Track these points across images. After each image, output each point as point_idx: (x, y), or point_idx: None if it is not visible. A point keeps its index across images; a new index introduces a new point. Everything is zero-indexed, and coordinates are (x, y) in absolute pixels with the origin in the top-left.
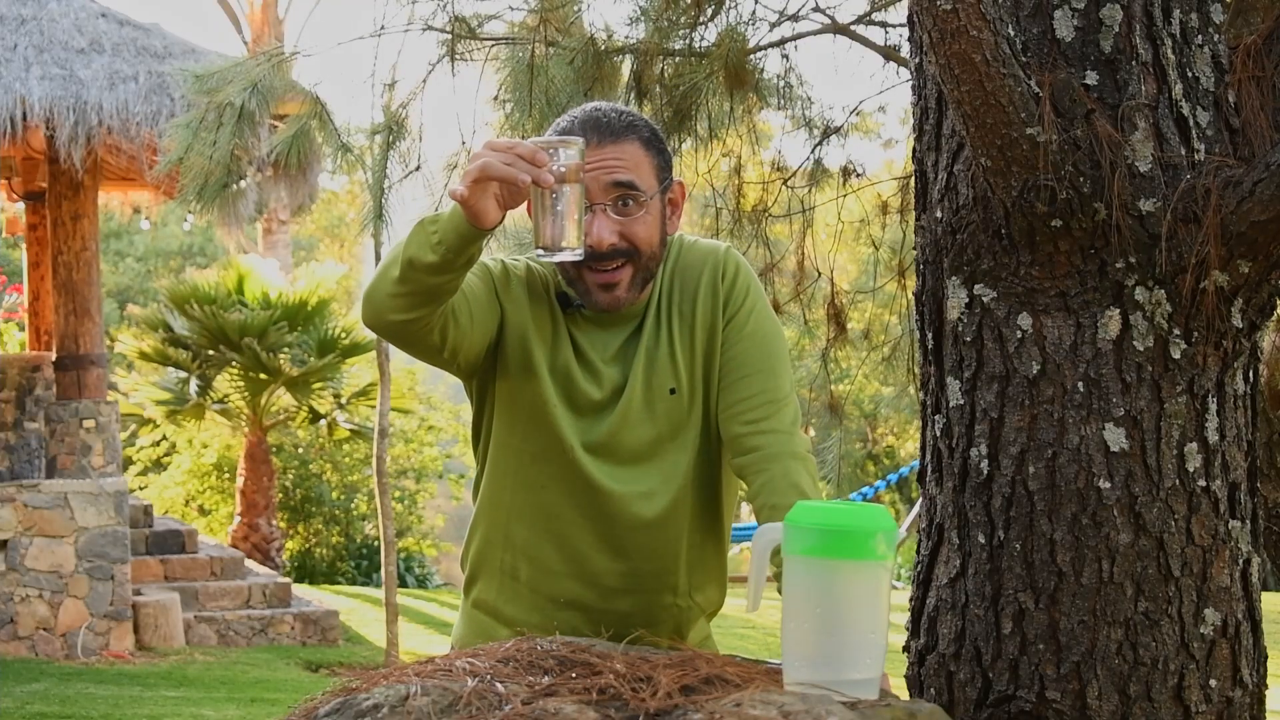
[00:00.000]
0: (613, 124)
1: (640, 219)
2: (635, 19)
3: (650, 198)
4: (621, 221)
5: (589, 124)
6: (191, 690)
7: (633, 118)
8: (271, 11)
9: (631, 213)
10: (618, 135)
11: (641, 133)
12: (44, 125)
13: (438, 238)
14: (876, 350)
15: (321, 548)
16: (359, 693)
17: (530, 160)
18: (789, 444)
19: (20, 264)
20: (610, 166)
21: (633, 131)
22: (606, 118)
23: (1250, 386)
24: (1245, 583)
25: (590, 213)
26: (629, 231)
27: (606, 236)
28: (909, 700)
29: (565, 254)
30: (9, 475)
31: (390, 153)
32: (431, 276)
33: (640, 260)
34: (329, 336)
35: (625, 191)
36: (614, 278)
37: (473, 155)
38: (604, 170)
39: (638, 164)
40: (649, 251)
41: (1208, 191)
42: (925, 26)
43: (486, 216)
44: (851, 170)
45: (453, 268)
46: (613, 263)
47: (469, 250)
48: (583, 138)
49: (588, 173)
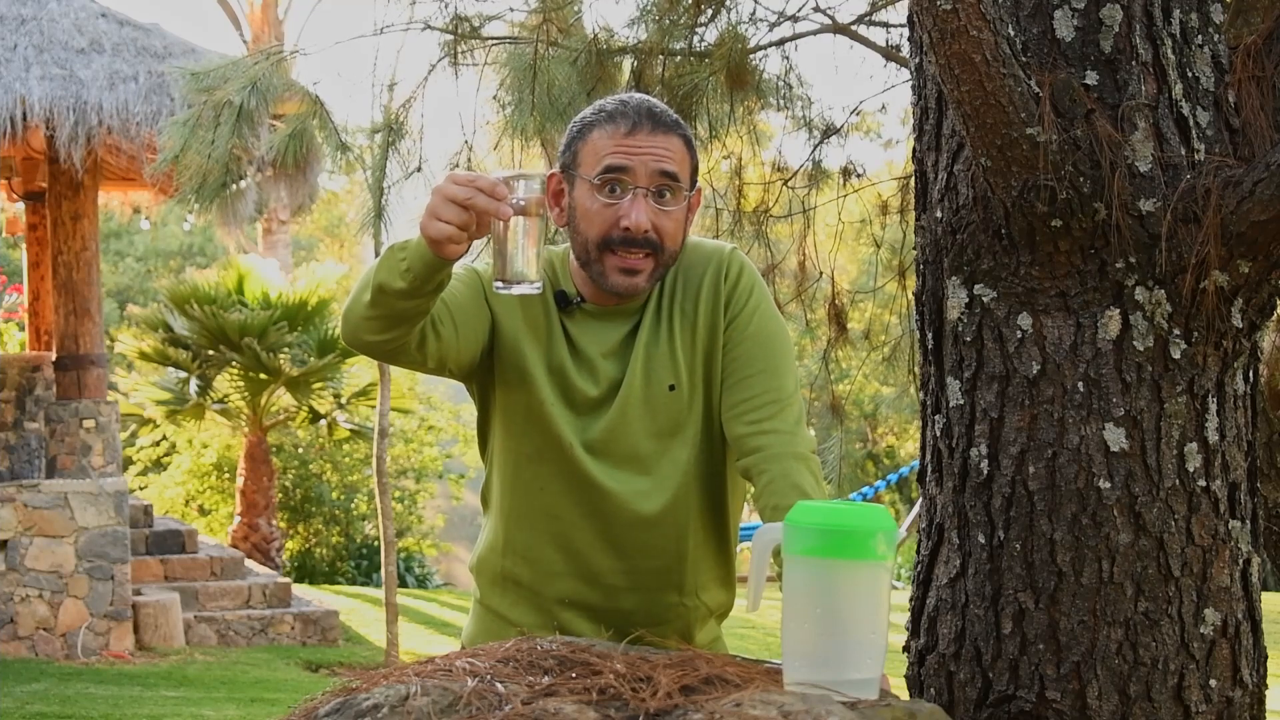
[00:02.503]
0: (665, 116)
1: (673, 214)
2: (636, 19)
3: (689, 194)
4: (658, 211)
5: (643, 110)
6: (191, 690)
7: (678, 117)
8: (271, 11)
9: (668, 205)
10: (669, 128)
11: (685, 132)
12: (44, 125)
13: (405, 265)
14: (877, 350)
15: (321, 548)
16: (359, 693)
17: (489, 193)
18: (792, 444)
19: (20, 264)
20: (659, 155)
21: (679, 129)
22: (659, 109)
23: (1250, 386)
24: (1245, 583)
25: (632, 195)
26: (660, 223)
27: (643, 223)
28: (909, 700)
29: (524, 287)
30: (9, 475)
31: (390, 153)
32: (401, 301)
33: (663, 256)
34: (329, 336)
35: (668, 182)
36: (638, 265)
37: (435, 189)
38: (653, 157)
39: (681, 160)
40: (671, 249)
41: (1208, 191)
42: (925, 26)
43: (448, 249)
44: (852, 170)
45: (421, 293)
46: (640, 251)
47: (436, 278)
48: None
49: (636, 156)
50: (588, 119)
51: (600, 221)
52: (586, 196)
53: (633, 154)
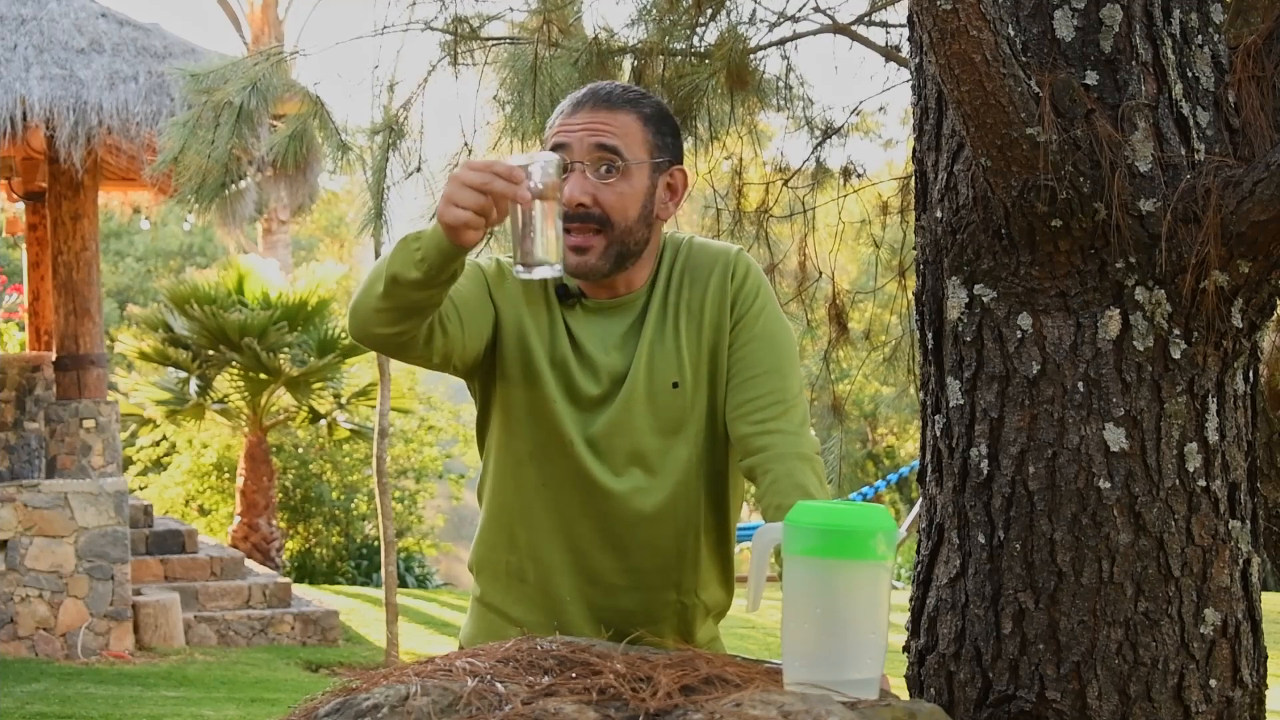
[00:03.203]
0: (611, 94)
1: (616, 187)
2: (636, 20)
3: (632, 164)
4: (597, 185)
5: (593, 91)
6: (191, 690)
7: (640, 95)
8: (271, 11)
9: (609, 179)
10: (614, 105)
11: (643, 109)
12: (44, 125)
13: (420, 254)
14: (877, 350)
15: (321, 548)
16: (359, 693)
17: (507, 178)
18: (796, 444)
19: (20, 264)
20: (596, 129)
21: (632, 106)
22: (608, 89)
23: (1250, 386)
24: (1245, 583)
25: (569, 170)
26: (603, 198)
27: (578, 195)
28: (909, 700)
29: (544, 270)
30: (9, 475)
31: (391, 153)
32: (415, 292)
33: (614, 232)
34: (329, 336)
35: (605, 155)
36: (586, 242)
37: (451, 176)
38: (588, 132)
39: (627, 133)
40: (623, 224)
41: (1208, 191)
42: (925, 26)
43: (466, 235)
44: (852, 170)
45: (435, 284)
46: (586, 227)
47: (451, 267)
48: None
49: (574, 133)
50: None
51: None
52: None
53: (572, 131)
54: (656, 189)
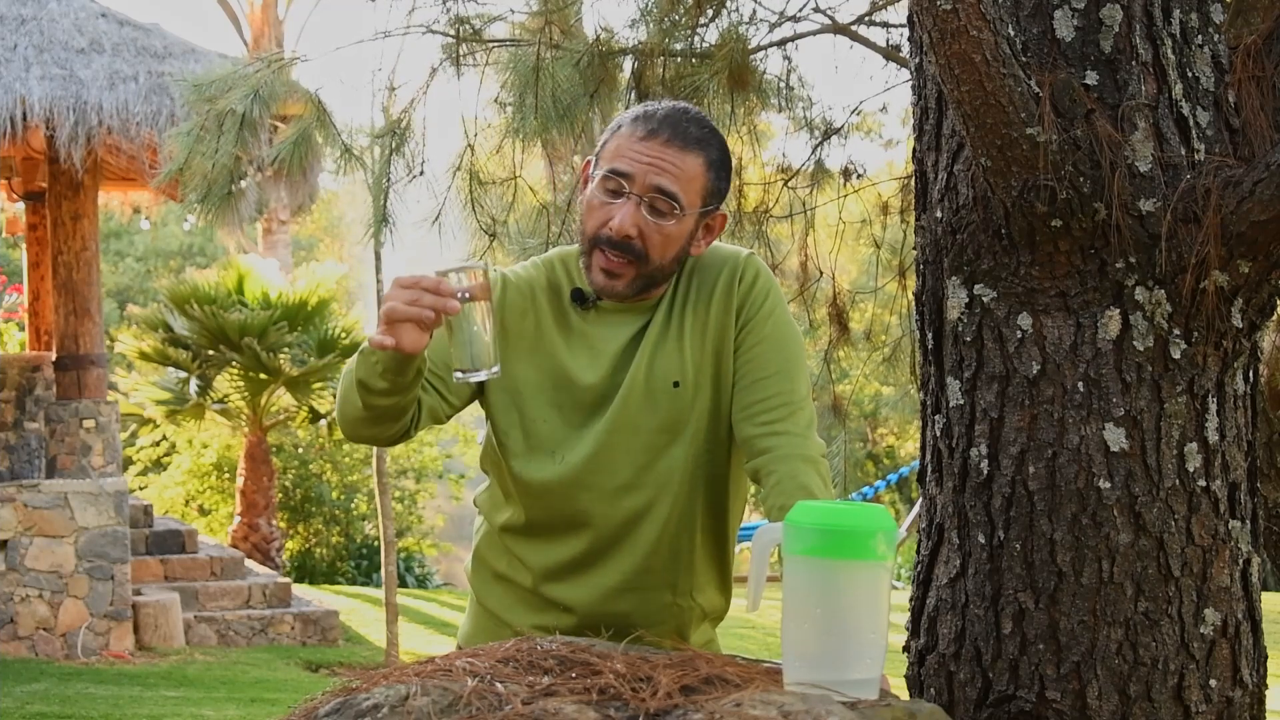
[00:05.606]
0: (687, 133)
1: (664, 229)
2: (637, 20)
3: (683, 214)
4: (645, 222)
5: (669, 120)
6: (191, 690)
7: (709, 134)
8: (271, 12)
9: (659, 219)
10: (685, 144)
11: (710, 152)
12: (44, 125)
13: (380, 366)
14: (877, 351)
15: (321, 548)
16: (359, 693)
17: (434, 292)
18: (802, 447)
19: (20, 264)
20: (662, 168)
21: (702, 148)
22: (686, 123)
23: (1250, 386)
24: (1245, 583)
25: (625, 200)
26: (649, 235)
27: (626, 226)
28: (909, 700)
29: (482, 374)
30: (9, 475)
31: (393, 156)
32: (384, 399)
33: (646, 267)
34: (329, 336)
35: (661, 198)
36: (619, 270)
37: (385, 296)
38: (654, 169)
39: (691, 179)
40: (658, 263)
41: (1208, 191)
42: (925, 26)
43: (411, 347)
44: (852, 171)
45: (400, 388)
46: (623, 256)
47: (409, 372)
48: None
49: (639, 164)
50: (626, 116)
51: (595, 218)
52: (594, 190)
53: (638, 160)
54: (697, 231)
